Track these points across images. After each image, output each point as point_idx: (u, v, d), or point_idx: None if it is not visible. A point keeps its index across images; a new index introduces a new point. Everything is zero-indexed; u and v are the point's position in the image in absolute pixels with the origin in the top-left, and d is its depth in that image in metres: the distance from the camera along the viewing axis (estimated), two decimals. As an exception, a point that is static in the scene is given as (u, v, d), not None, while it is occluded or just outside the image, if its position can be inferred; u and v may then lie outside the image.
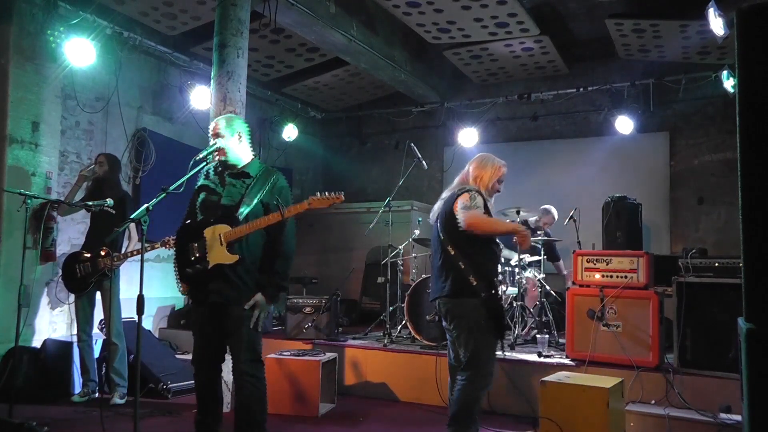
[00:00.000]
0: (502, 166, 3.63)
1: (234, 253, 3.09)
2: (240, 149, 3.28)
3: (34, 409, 4.53)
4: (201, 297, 3.22)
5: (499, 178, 3.61)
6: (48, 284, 5.60)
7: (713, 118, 7.53)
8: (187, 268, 3.17)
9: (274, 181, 3.24)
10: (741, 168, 1.70)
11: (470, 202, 3.41)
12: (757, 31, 1.68)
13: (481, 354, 3.36)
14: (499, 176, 3.60)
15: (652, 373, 4.40)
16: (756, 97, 1.68)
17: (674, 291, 4.46)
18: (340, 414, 4.80)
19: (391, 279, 6.17)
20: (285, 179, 3.34)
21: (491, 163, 3.61)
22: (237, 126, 3.30)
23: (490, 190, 3.59)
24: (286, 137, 8.40)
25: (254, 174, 3.26)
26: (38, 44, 5.44)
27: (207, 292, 3.17)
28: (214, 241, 3.09)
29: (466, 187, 3.52)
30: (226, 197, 3.21)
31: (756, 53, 1.69)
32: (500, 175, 3.61)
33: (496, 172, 3.59)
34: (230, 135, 3.26)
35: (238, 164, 3.28)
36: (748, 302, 1.67)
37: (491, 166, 3.59)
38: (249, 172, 3.27)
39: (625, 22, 6.50)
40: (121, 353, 4.86)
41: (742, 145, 1.70)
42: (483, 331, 3.35)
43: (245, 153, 3.31)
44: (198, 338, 3.28)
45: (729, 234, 7.18)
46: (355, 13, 6.74)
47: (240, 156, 3.29)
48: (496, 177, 3.59)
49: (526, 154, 8.29)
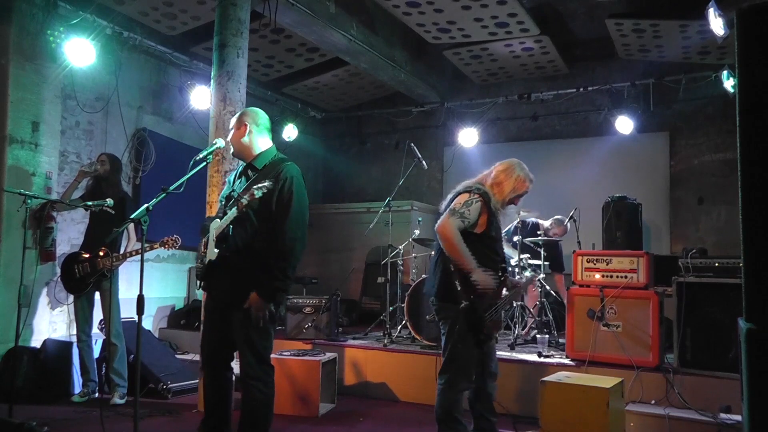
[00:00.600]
0: (527, 182, 3.38)
1: (219, 249, 3.04)
2: (247, 142, 3.25)
3: (34, 409, 4.53)
4: (209, 294, 3.23)
5: (520, 193, 3.39)
6: (48, 284, 5.60)
7: (713, 118, 7.53)
8: (197, 263, 3.20)
9: (277, 172, 3.12)
10: (741, 168, 1.70)
11: (462, 207, 3.25)
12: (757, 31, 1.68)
13: (457, 359, 3.29)
14: (521, 191, 3.38)
15: (652, 373, 4.40)
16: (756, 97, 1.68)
17: (674, 291, 4.46)
18: (340, 414, 4.80)
19: (391, 279, 6.17)
20: (295, 169, 3.20)
21: (519, 174, 3.38)
22: (244, 118, 3.29)
23: (505, 201, 3.38)
24: (286, 137, 8.40)
25: (260, 166, 3.24)
26: (38, 44, 5.44)
27: (210, 290, 3.19)
28: (212, 237, 3.10)
29: (473, 188, 3.35)
30: (239, 190, 3.23)
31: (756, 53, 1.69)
32: (523, 190, 3.38)
33: (519, 185, 3.36)
34: (236, 128, 3.27)
35: (248, 156, 3.27)
36: (748, 302, 1.67)
37: (516, 177, 3.37)
38: (256, 165, 3.25)
39: (625, 22, 6.50)
40: (120, 354, 4.85)
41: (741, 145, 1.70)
42: (462, 337, 3.25)
43: (255, 145, 3.27)
44: (205, 336, 3.28)
45: (729, 234, 7.17)
46: (355, 13, 6.74)
47: (246, 148, 3.26)
48: (517, 191, 3.37)
49: (526, 154, 8.19)
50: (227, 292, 3.10)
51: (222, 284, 3.11)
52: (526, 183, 3.41)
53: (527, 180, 3.41)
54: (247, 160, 3.28)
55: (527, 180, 3.41)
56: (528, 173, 3.43)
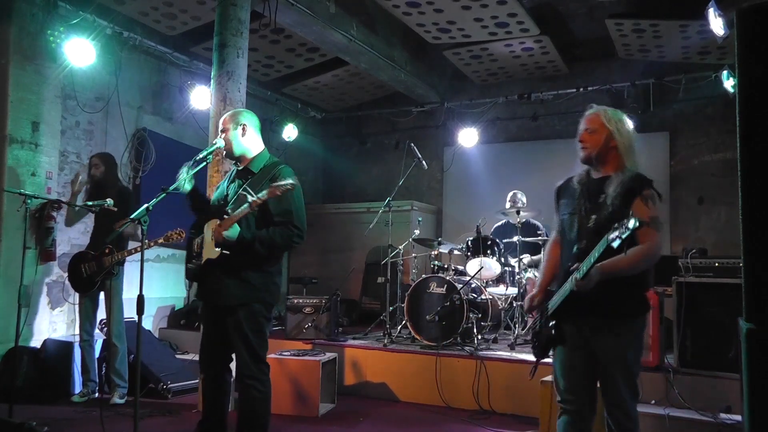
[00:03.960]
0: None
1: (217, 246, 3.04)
2: (245, 141, 3.26)
3: (34, 409, 4.53)
4: (201, 295, 3.23)
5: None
6: (48, 284, 5.60)
7: (713, 118, 7.52)
8: (188, 263, 3.18)
9: (273, 175, 3.15)
10: (741, 168, 1.70)
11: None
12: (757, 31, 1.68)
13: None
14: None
15: (652, 373, 4.39)
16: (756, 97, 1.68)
17: (674, 291, 4.45)
18: (340, 414, 4.80)
19: (391, 279, 6.16)
20: (289, 171, 3.21)
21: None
22: (242, 119, 3.29)
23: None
24: (286, 137, 8.39)
25: (256, 170, 3.25)
26: (38, 44, 5.43)
27: (205, 291, 3.18)
28: (208, 236, 3.10)
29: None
30: (232, 194, 3.23)
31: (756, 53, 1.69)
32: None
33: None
34: (233, 128, 3.26)
35: (245, 156, 3.27)
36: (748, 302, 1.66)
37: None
38: (252, 169, 3.26)
39: (625, 22, 6.50)
40: (121, 355, 4.85)
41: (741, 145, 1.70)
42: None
43: (252, 145, 3.29)
44: (203, 338, 3.28)
45: (729, 234, 7.17)
46: (355, 13, 6.74)
47: (244, 148, 3.27)
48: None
49: (526, 154, 8.28)
50: (220, 292, 3.11)
51: (215, 285, 3.11)
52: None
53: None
54: (243, 161, 3.28)
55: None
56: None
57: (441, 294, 5.50)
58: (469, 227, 7.25)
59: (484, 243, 5.93)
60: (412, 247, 6.51)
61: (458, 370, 5.01)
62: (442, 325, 5.39)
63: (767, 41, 1.67)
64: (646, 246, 2.55)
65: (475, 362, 4.93)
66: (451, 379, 5.02)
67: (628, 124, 2.78)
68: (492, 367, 4.88)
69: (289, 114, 8.74)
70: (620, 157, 2.73)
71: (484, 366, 4.89)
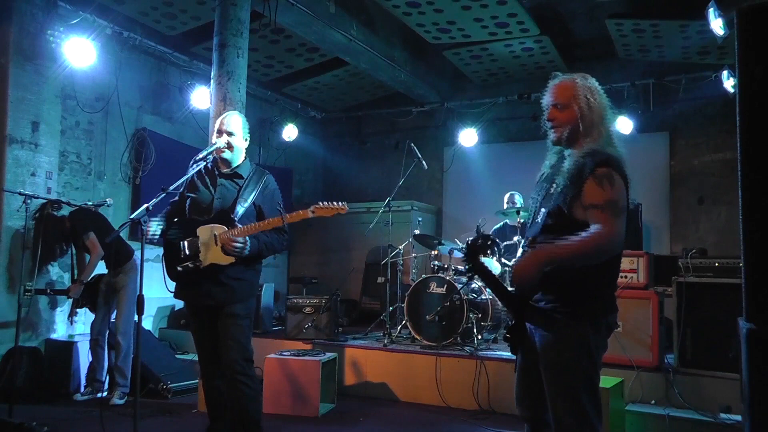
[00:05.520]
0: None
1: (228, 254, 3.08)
2: (243, 150, 3.32)
3: (34, 409, 4.52)
4: (190, 298, 3.22)
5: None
6: (48, 284, 5.60)
7: (713, 118, 7.52)
8: (177, 265, 3.14)
9: (265, 183, 3.26)
10: (741, 168, 1.70)
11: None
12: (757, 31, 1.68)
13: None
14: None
15: (652, 373, 4.40)
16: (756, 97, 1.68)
17: (674, 291, 4.46)
18: (340, 414, 4.79)
19: (391, 279, 6.16)
20: (275, 181, 3.37)
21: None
22: (246, 127, 3.36)
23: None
24: (286, 137, 8.40)
25: (246, 175, 3.27)
26: (38, 44, 5.43)
27: (197, 294, 3.17)
28: (209, 241, 3.09)
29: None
30: (218, 198, 3.21)
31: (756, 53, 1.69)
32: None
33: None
34: (243, 135, 3.30)
35: (234, 163, 3.28)
36: (748, 302, 1.67)
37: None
38: (241, 173, 3.27)
39: (625, 22, 6.50)
40: (125, 352, 4.87)
41: (741, 145, 1.70)
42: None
43: (243, 154, 3.35)
44: (198, 347, 3.30)
45: (729, 234, 7.16)
46: (355, 13, 6.74)
47: (241, 156, 3.31)
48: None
49: (526, 154, 8.26)
50: (218, 294, 3.12)
51: (211, 286, 3.12)
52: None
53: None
54: (228, 165, 3.28)
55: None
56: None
57: (441, 294, 5.50)
58: (469, 227, 7.24)
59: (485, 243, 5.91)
60: (412, 247, 6.51)
61: (458, 370, 5.01)
62: (442, 325, 5.39)
63: (767, 41, 1.67)
64: (596, 232, 2.10)
65: (475, 362, 4.93)
66: (451, 379, 5.02)
67: (601, 93, 2.34)
68: (492, 367, 4.88)
69: (289, 114, 8.74)
70: (584, 132, 2.27)
71: (484, 366, 4.89)
